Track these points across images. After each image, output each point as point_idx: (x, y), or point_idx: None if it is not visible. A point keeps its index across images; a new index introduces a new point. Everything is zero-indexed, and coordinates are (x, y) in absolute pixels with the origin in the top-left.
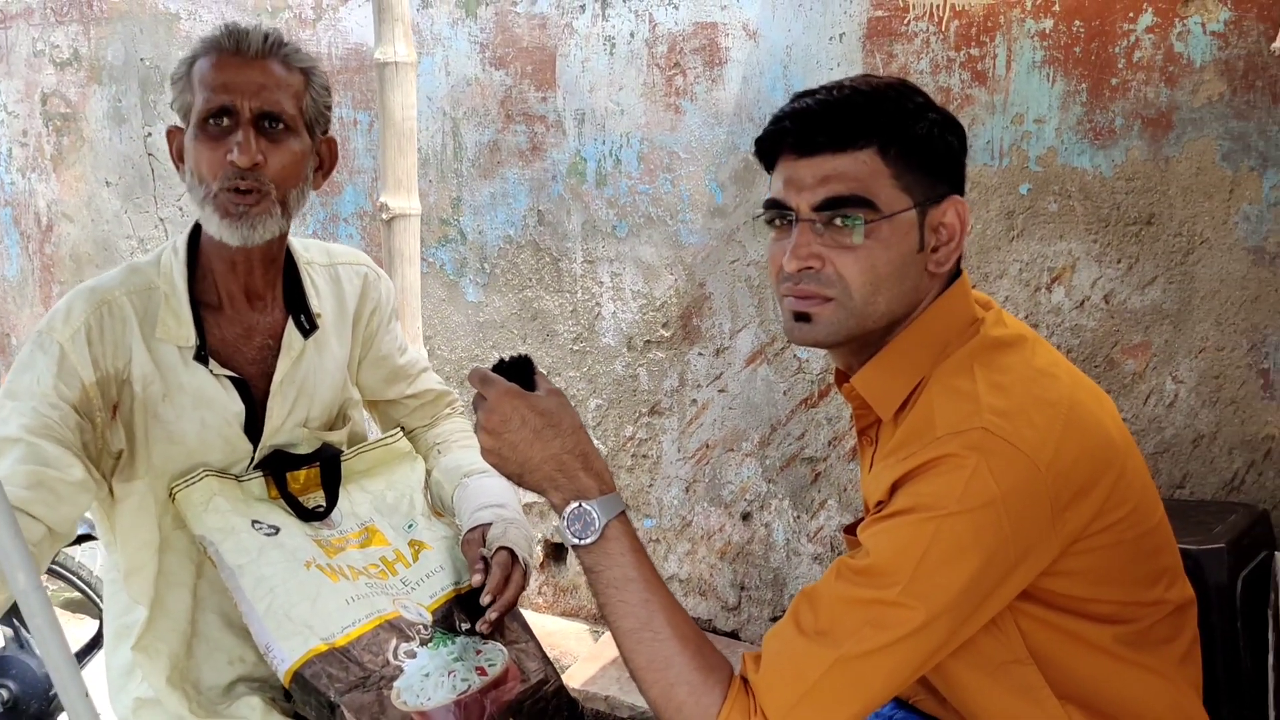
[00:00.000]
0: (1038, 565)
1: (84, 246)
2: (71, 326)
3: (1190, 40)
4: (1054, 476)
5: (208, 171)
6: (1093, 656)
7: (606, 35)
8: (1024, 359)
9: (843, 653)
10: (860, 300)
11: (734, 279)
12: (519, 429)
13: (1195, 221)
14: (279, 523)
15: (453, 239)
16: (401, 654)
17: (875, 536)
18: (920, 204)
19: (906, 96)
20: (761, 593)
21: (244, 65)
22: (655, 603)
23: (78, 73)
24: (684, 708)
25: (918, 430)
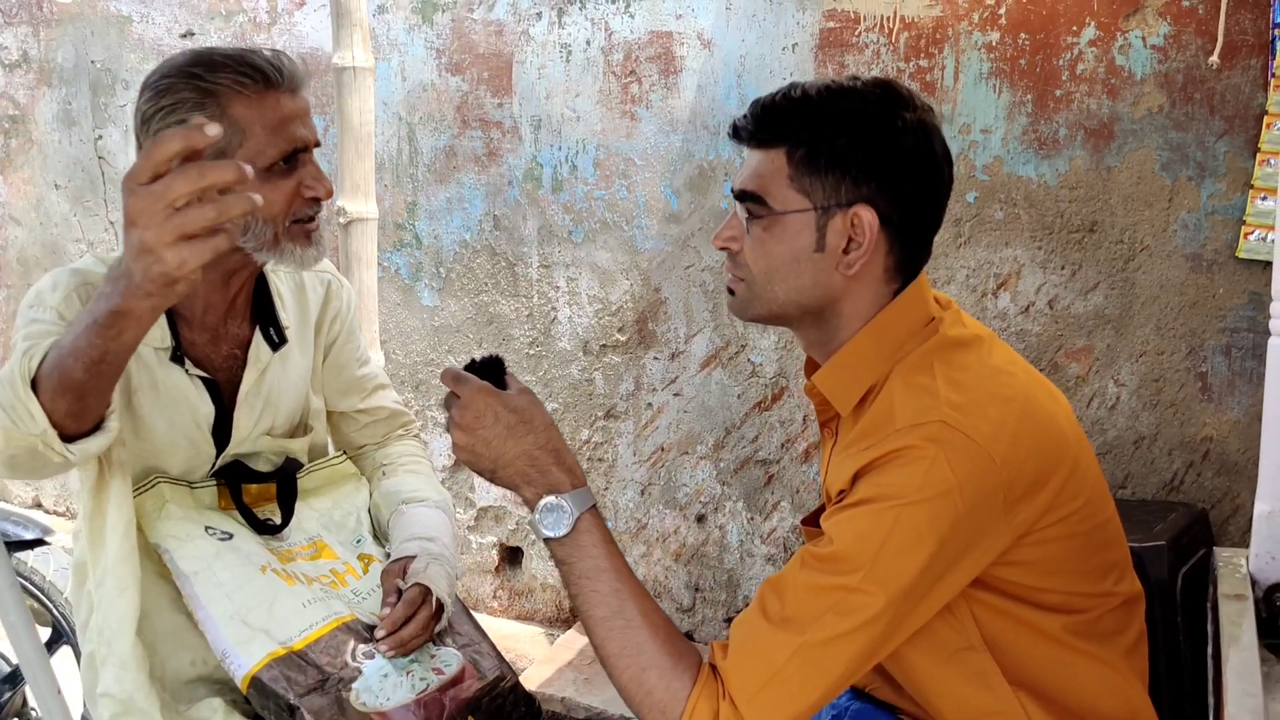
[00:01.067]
0: (989, 554)
1: (32, 249)
2: (60, 294)
3: (1131, 54)
4: (1008, 469)
5: (279, 211)
6: (1044, 645)
7: (563, 43)
8: (981, 357)
9: (807, 638)
10: (759, 286)
11: (689, 284)
12: (492, 425)
13: (1136, 229)
14: (231, 529)
15: (408, 243)
16: (360, 655)
17: (838, 525)
18: (820, 208)
19: (844, 101)
20: (716, 594)
21: (291, 99)
22: (626, 591)
23: (26, 74)
24: (654, 692)
25: (878, 423)
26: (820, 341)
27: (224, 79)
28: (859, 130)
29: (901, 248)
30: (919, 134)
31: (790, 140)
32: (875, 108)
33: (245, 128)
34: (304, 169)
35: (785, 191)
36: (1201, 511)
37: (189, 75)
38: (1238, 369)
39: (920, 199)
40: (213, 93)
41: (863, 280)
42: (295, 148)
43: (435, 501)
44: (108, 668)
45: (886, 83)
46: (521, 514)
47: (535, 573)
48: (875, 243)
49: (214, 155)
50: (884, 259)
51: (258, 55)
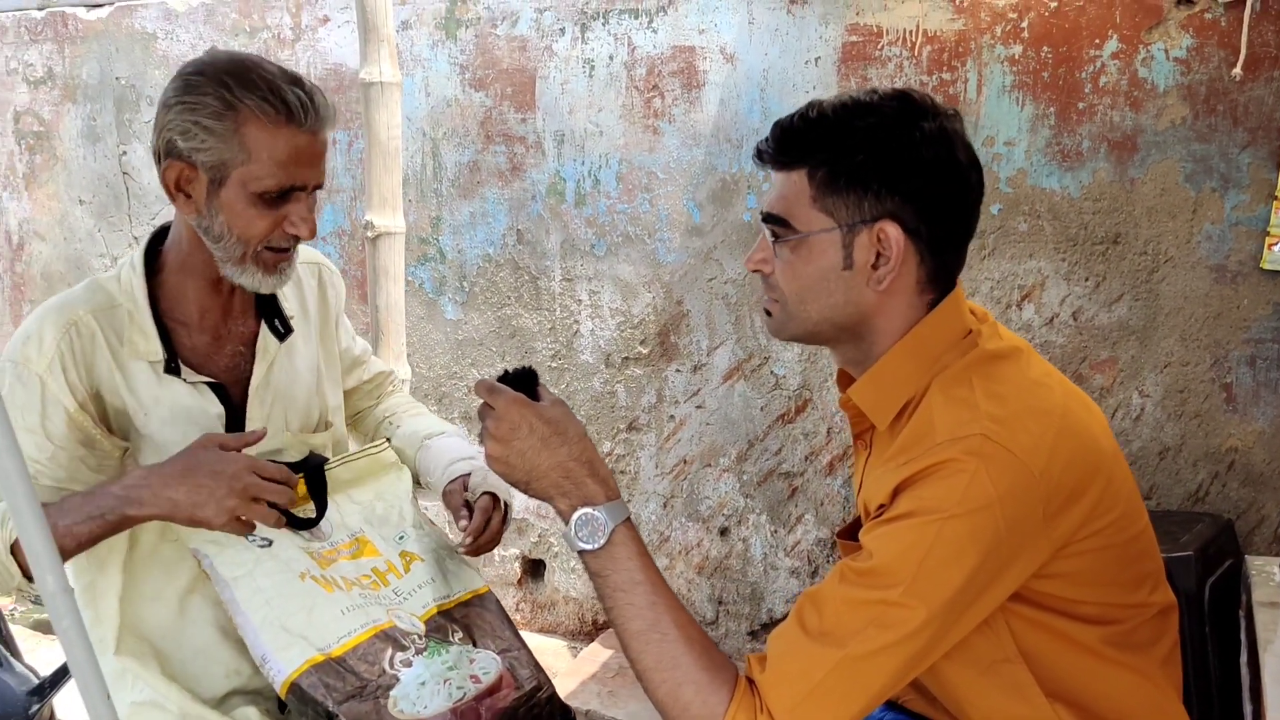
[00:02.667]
0: (1029, 567)
1: (56, 265)
2: (46, 356)
3: (1154, 66)
4: (1047, 481)
5: (255, 235)
6: (1080, 656)
7: (586, 58)
8: (1019, 370)
9: (847, 652)
10: (792, 307)
11: (711, 296)
12: (527, 437)
13: (1160, 241)
14: (271, 535)
15: (432, 258)
16: (397, 663)
17: (878, 539)
18: (845, 226)
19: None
20: (739, 607)
21: (306, 140)
22: (661, 605)
23: (52, 91)
24: (691, 707)
25: (918, 437)
26: (856, 358)
27: (250, 100)
28: (877, 145)
29: (933, 258)
30: (939, 143)
31: (810, 161)
32: (892, 121)
33: (252, 151)
34: (294, 205)
35: (809, 212)
36: (1228, 522)
37: (220, 83)
38: (1262, 379)
39: (946, 208)
40: (234, 108)
41: (895, 294)
42: (293, 185)
43: (453, 431)
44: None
45: (904, 94)
46: (544, 526)
47: (558, 585)
48: (904, 256)
49: (216, 163)
50: (915, 271)
51: (291, 90)
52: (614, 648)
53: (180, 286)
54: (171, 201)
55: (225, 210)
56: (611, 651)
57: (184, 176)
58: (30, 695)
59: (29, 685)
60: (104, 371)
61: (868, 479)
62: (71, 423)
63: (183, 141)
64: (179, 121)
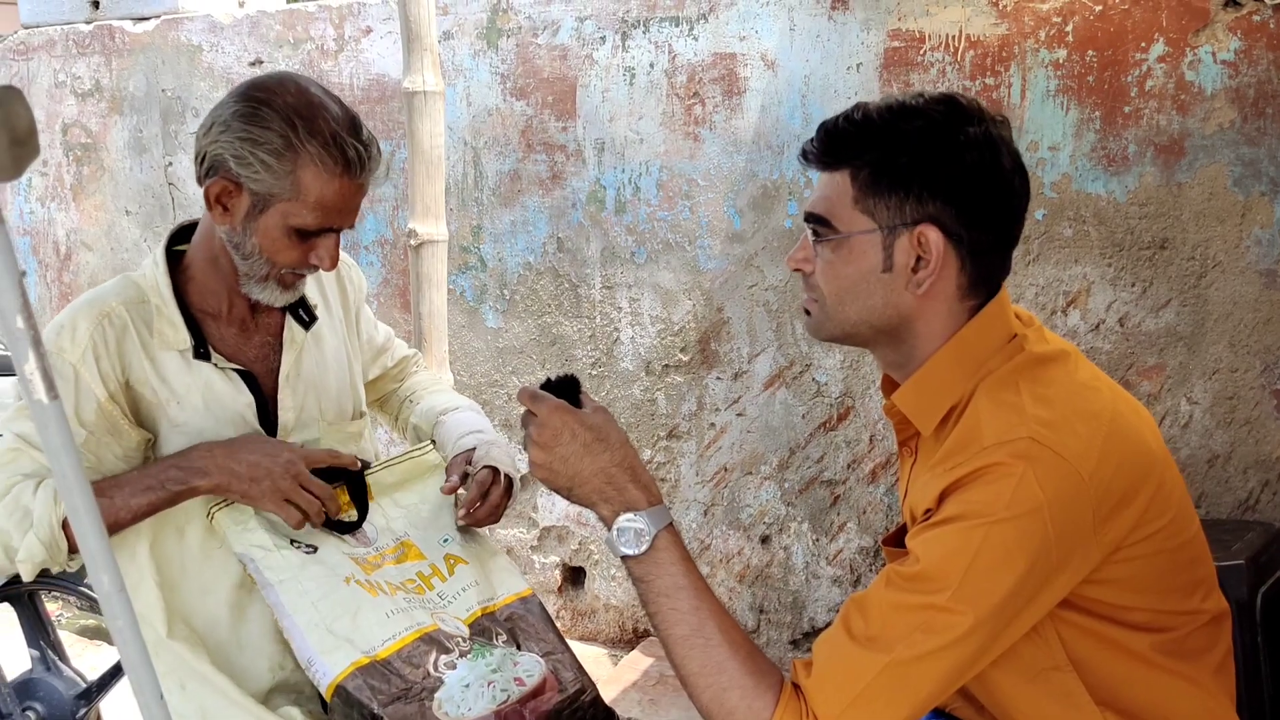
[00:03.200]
0: (1079, 572)
1: (103, 275)
2: (79, 346)
3: (1201, 69)
4: (1096, 485)
5: (282, 262)
6: (1131, 664)
7: (626, 66)
8: (1067, 373)
9: (893, 657)
10: (831, 307)
11: (752, 303)
12: (569, 443)
13: (1208, 246)
14: (317, 542)
15: (473, 266)
16: (441, 666)
17: (925, 544)
18: (885, 228)
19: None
20: (781, 615)
21: (354, 190)
22: (705, 609)
23: (99, 103)
24: (736, 712)
25: (964, 441)
26: (898, 362)
27: (312, 147)
28: (920, 149)
29: (974, 263)
30: (983, 148)
31: (854, 162)
32: (937, 125)
33: (302, 192)
34: (324, 240)
35: (850, 213)
36: (1278, 531)
37: (288, 121)
38: None
39: (988, 214)
40: (295, 150)
41: (935, 298)
42: (330, 227)
43: (468, 406)
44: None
45: (950, 98)
46: (584, 534)
47: (598, 593)
48: (944, 261)
49: (264, 193)
50: (956, 276)
51: (351, 144)
52: (655, 656)
53: (209, 280)
54: (209, 211)
55: (260, 234)
56: (652, 659)
57: (227, 193)
58: (78, 699)
59: (77, 689)
60: (135, 361)
61: (913, 485)
62: (101, 411)
63: (236, 165)
64: (236, 146)
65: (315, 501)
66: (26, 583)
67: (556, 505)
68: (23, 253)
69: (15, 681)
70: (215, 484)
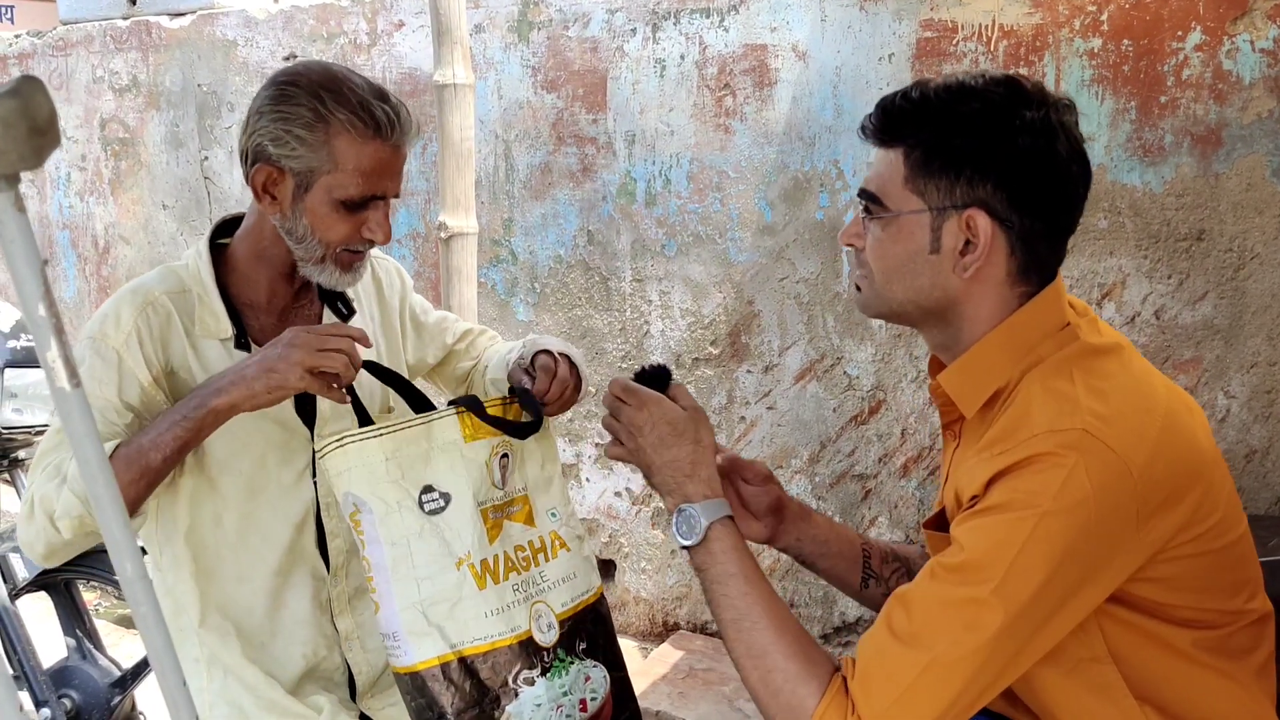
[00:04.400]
0: (1123, 570)
1: (140, 268)
2: (123, 331)
3: (1239, 58)
4: (1145, 482)
5: (335, 239)
6: (1172, 659)
7: (657, 58)
8: (1122, 366)
9: (935, 656)
10: (879, 285)
11: (783, 296)
12: (648, 435)
13: (1246, 237)
14: (454, 488)
15: (504, 259)
16: (520, 680)
17: (970, 533)
18: (934, 209)
19: (963, 102)
20: (811, 610)
21: (390, 153)
22: (754, 595)
23: (136, 98)
24: (780, 694)
25: (1014, 426)
26: (945, 343)
27: (341, 114)
28: (974, 131)
29: (1024, 250)
30: (1039, 133)
31: (908, 140)
32: (993, 107)
33: (339, 161)
34: (373, 212)
35: (901, 192)
36: None
37: (314, 95)
38: None
39: (1041, 200)
40: (325, 120)
41: (983, 283)
42: (374, 195)
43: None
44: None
45: (1011, 79)
46: (614, 526)
47: (629, 586)
48: (992, 246)
49: (304, 170)
50: (1005, 262)
51: (379, 106)
52: (684, 649)
53: (251, 273)
54: (258, 201)
55: (309, 214)
56: (682, 653)
57: (271, 179)
58: (113, 687)
59: (111, 677)
60: (178, 349)
61: (955, 469)
62: (145, 395)
63: (274, 148)
64: (271, 129)
65: (340, 355)
66: (63, 570)
67: (586, 498)
68: (62, 246)
69: (51, 669)
70: (232, 399)
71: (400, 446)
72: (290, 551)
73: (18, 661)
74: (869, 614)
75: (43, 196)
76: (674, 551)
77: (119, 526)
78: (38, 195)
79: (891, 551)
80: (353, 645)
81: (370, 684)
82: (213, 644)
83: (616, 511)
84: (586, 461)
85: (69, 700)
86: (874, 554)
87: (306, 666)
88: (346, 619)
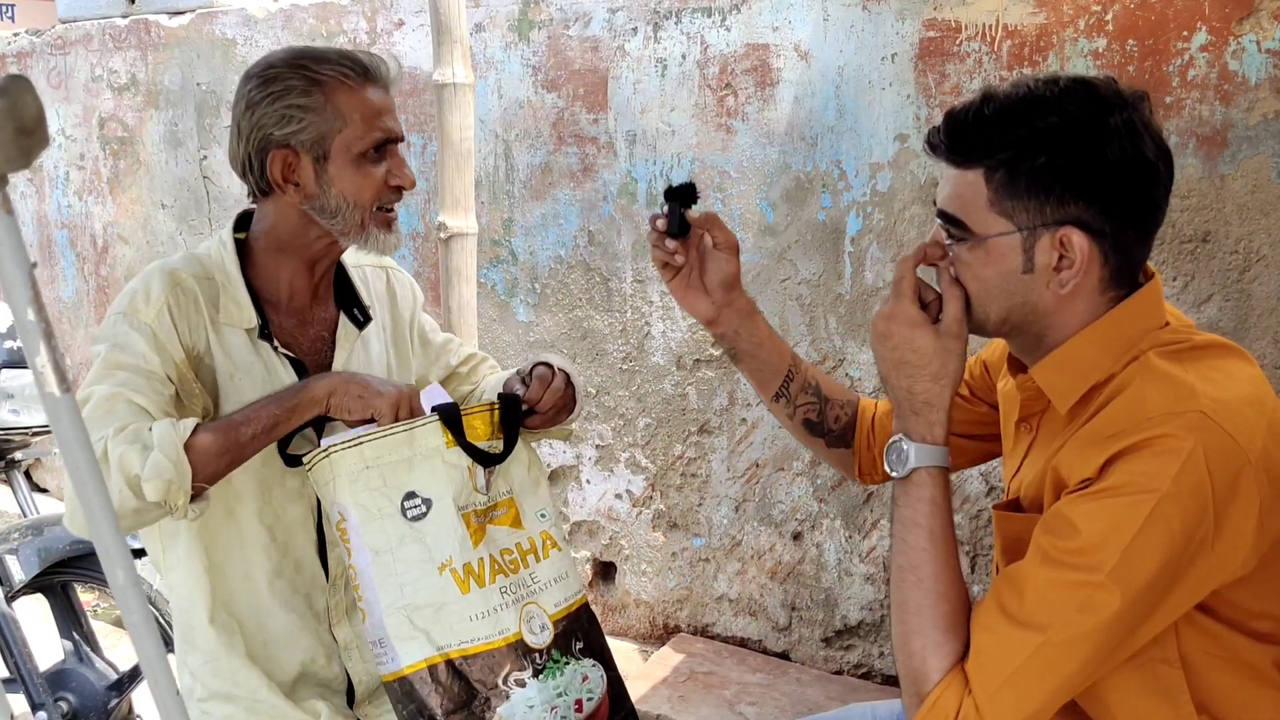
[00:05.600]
0: (1233, 556)
1: (139, 268)
2: (154, 307)
3: (1245, 58)
4: (1263, 472)
5: (369, 196)
6: (1243, 676)
7: (658, 57)
8: (1230, 363)
9: (1048, 637)
10: (974, 306)
11: (785, 298)
12: (889, 351)
13: (1252, 239)
14: (435, 494)
15: (504, 259)
16: (512, 681)
17: (1086, 515)
18: (1025, 229)
19: (1041, 116)
20: (813, 613)
21: (384, 94)
22: (931, 554)
23: (135, 97)
24: (913, 656)
25: (1125, 414)
26: (1028, 347)
27: (329, 70)
28: (1059, 147)
29: (1118, 256)
30: (1127, 139)
31: (987, 161)
32: (1074, 121)
33: (346, 115)
34: (392, 159)
35: (986, 215)
36: None
37: (296, 66)
38: None
39: (1134, 207)
40: (319, 82)
41: (1077, 294)
42: (387, 138)
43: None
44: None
45: (1088, 85)
46: (615, 529)
47: (629, 588)
48: (1089, 259)
49: (316, 138)
50: (1099, 271)
51: (357, 52)
52: (685, 652)
53: (272, 268)
54: (281, 193)
55: (336, 182)
56: (683, 656)
57: (289, 165)
58: (110, 690)
59: (108, 680)
60: (201, 334)
61: (1029, 463)
62: (178, 370)
63: (279, 130)
64: (271, 112)
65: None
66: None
67: (587, 500)
68: (60, 245)
69: (48, 672)
70: (331, 386)
71: (381, 454)
72: (292, 555)
73: (14, 664)
74: (870, 617)
75: (41, 196)
76: (674, 554)
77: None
78: (36, 194)
79: (815, 384)
80: (351, 654)
81: (368, 693)
82: (216, 643)
83: (617, 514)
84: (587, 464)
85: (66, 703)
86: (796, 378)
87: (301, 671)
88: (344, 628)
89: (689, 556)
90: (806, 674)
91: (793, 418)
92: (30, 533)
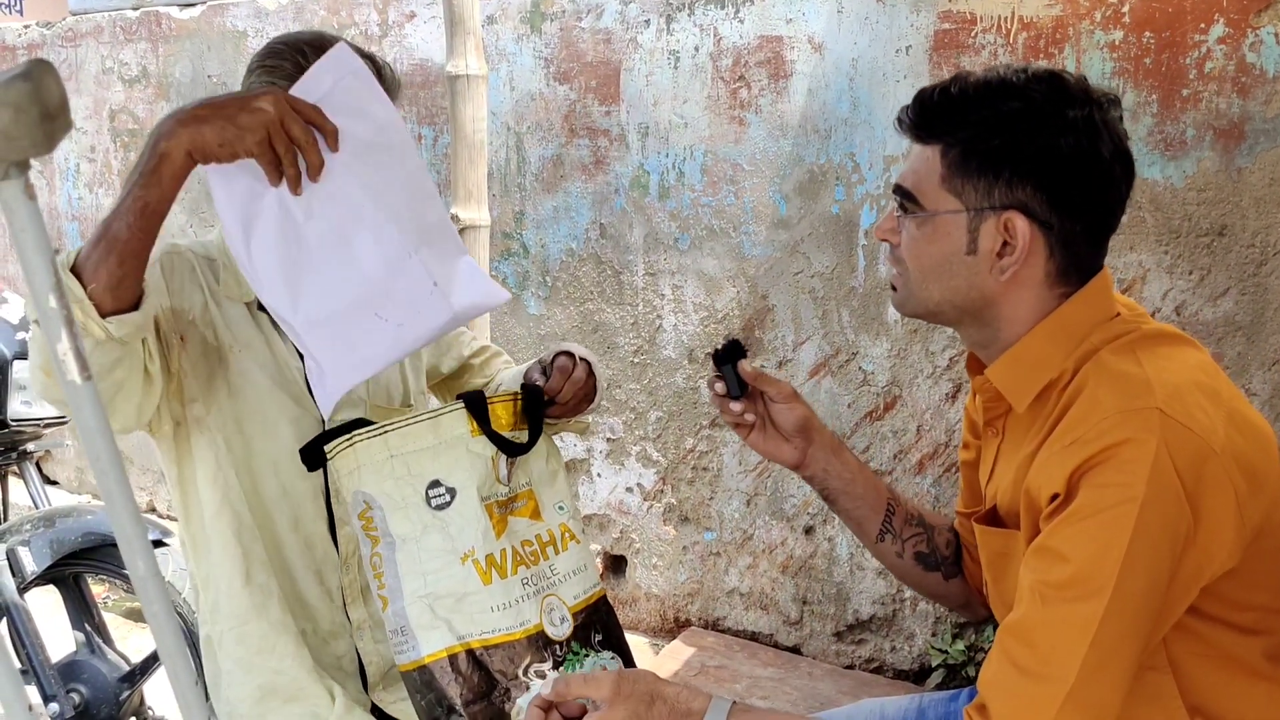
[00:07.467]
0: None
1: None
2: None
3: (1263, 51)
4: (1231, 462)
5: None
6: (1233, 672)
7: (671, 49)
8: (1183, 353)
9: (1072, 685)
10: (915, 284)
11: (797, 291)
12: None
13: (1269, 232)
14: (460, 483)
15: (515, 252)
16: (532, 672)
17: (1070, 541)
18: (972, 210)
19: (1004, 100)
20: (824, 608)
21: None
22: None
23: (145, 89)
24: None
25: (1084, 413)
26: (983, 342)
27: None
28: (1014, 131)
29: (1064, 252)
30: (1084, 133)
31: (945, 138)
32: (1035, 107)
33: None
34: None
35: (937, 191)
36: None
37: (298, 50)
38: None
39: (1083, 203)
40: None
41: (1021, 284)
42: None
43: None
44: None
45: (1055, 77)
46: (625, 522)
47: (640, 582)
48: (1031, 248)
49: None
50: (1043, 264)
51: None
52: (696, 645)
53: None
54: None
55: None
56: (694, 649)
57: None
58: (121, 682)
59: (120, 672)
60: (198, 300)
61: (1000, 467)
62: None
63: None
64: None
65: (292, 149)
66: (72, 564)
67: (598, 493)
68: (71, 238)
69: (60, 663)
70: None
71: (406, 442)
72: (302, 531)
73: (26, 656)
74: (882, 612)
75: (52, 188)
76: (685, 547)
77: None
78: (46, 187)
79: (918, 515)
80: (364, 634)
81: (381, 675)
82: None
83: (628, 507)
84: (598, 456)
85: (77, 695)
86: (899, 511)
87: (318, 641)
88: (359, 608)
89: (700, 550)
90: (818, 668)
91: (902, 555)
92: (42, 524)
